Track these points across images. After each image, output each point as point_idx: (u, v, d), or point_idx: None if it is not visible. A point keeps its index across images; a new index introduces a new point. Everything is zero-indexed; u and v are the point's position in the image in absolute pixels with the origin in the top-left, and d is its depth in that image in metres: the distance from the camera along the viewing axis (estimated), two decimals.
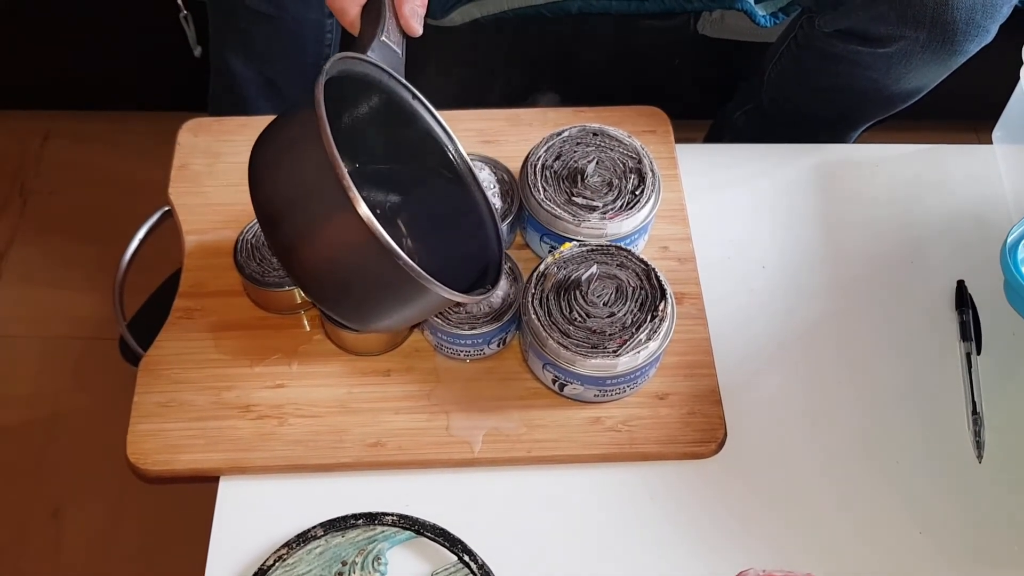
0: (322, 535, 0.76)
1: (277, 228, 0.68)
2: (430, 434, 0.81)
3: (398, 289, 0.67)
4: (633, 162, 0.86)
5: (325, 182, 0.64)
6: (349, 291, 0.69)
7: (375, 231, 0.63)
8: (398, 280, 0.66)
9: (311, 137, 0.64)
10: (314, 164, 0.64)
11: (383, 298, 0.69)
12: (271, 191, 0.69)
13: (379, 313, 0.71)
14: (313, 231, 0.67)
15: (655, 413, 0.82)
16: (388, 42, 0.74)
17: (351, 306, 0.71)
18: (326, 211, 0.65)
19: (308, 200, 0.66)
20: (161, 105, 1.38)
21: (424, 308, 0.73)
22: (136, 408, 0.82)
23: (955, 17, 0.90)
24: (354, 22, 0.75)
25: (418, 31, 0.76)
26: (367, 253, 0.65)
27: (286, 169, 0.68)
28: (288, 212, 0.67)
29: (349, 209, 0.63)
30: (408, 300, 0.69)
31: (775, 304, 0.91)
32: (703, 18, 1.23)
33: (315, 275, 0.69)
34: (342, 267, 0.67)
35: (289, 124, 0.70)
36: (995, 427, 0.84)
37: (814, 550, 0.78)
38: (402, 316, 0.72)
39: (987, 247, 0.92)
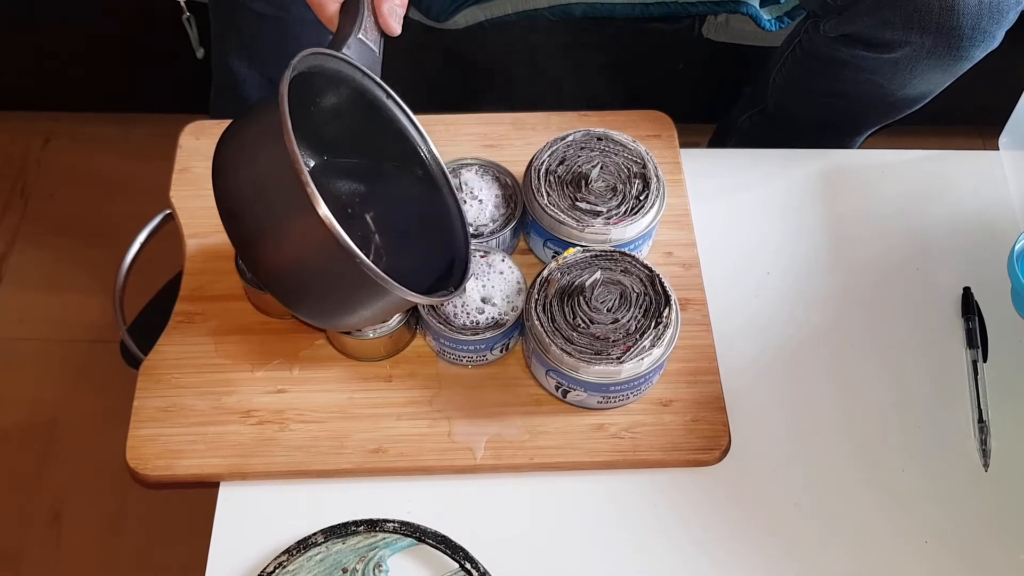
0: (323, 542, 0.76)
1: (237, 222, 0.68)
2: (432, 440, 0.80)
3: (358, 289, 0.67)
4: (637, 167, 0.85)
5: (286, 179, 0.63)
6: (309, 289, 0.69)
7: (334, 231, 0.63)
8: (357, 280, 0.66)
9: (273, 134, 0.63)
10: (276, 161, 0.64)
11: (343, 297, 0.69)
12: (232, 185, 0.69)
13: (340, 312, 0.71)
14: (273, 228, 0.67)
15: (659, 420, 0.81)
16: (365, 40, 0.74)
17: (312, 304, 0.71)
18: (287, 208, 0.65)
19: (269, 197, 0.66)
20: (163, 107, 1.38)
21: (385, 308, 0.73)
22: (136, 413, 0.81)
23: (961, 23, 0.90)
24: (332, 18, 0.75)
25: (396, 30, 0.75)
26: (327, 252, 0.65)
27: (248, 164, 0.68)
28: (249, 207, 0.68)
29: (309, 208, 0.63)
30: (368, 300, 0.69)
31: (780, 310, 0.90)
32: (708, 22, 1.22)
33: (275, 272, 0.69)
34: (302, 265, 0.68)
35: (254, 119, 0.69)
36: (1001, 435, 0.83)
37: (819, 559, 0.78)
38: (363, 315, 0.72)
39: (994, 254, 0.92)
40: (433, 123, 0.95)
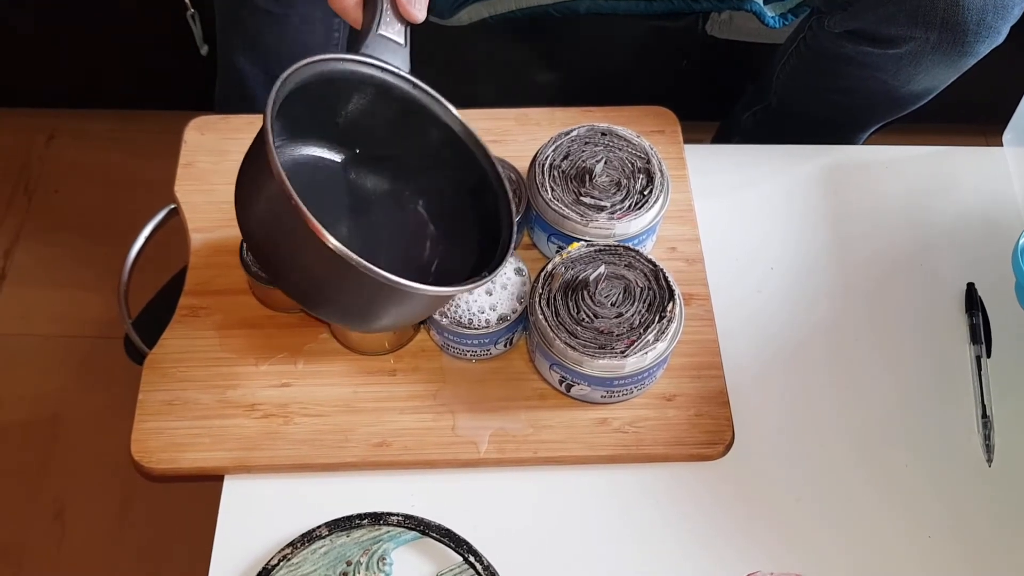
0: (327, 535, 0.76)
1: (263, 257, 0.71)
2: (436, 434, 0.80)
3: (391, 298, 0.67)
4: (642, 162, 0.85)
5: (283, 210, 0.63)
6: (347, 308, 0.70)
7: (341, 252, 0.63)
8: (386, 291, 0.66)
9: (264, 164, 0.64)
10: (270, 191, 0.64)
11: (380, 307, 0.69)
12: (244, 220, 0.69)
13: (381, 318, 0.71)
14: (288, 263, 0.68)
15: (662, 414, 0.81)
16: (387, 34, 0.72)
17: (352, 316, 0.72)
18: (293, 244, 0.65)
19: (275, 230, 0.67)
20: (167, 103, 1.38)
21: (428, 306, 0.73)
22: (141, 406, 0.81)
23: (966, 18, 0.90)
24: (356, 18, 0.73)
25: (419, 18, 0.73)
26: (341, 273, 0.65)
27: (251, 197, 0.68)
28: (263, 242, 0.69)
29: (314, 239, 0.63)
30: (406, 305, 0.69)
31: (783, 305, 0.90)
32: (712, 19, 1.22)
33: (306, 294, 0.70)
34: (332, 287, 0.68)
35: (251, 149, 0.70)
36: (1005, 430, 0.83)
37: (823, 553, 0.78)
38: (403, 317, 0.73)
39: (997, 249, 0.92)
40: None
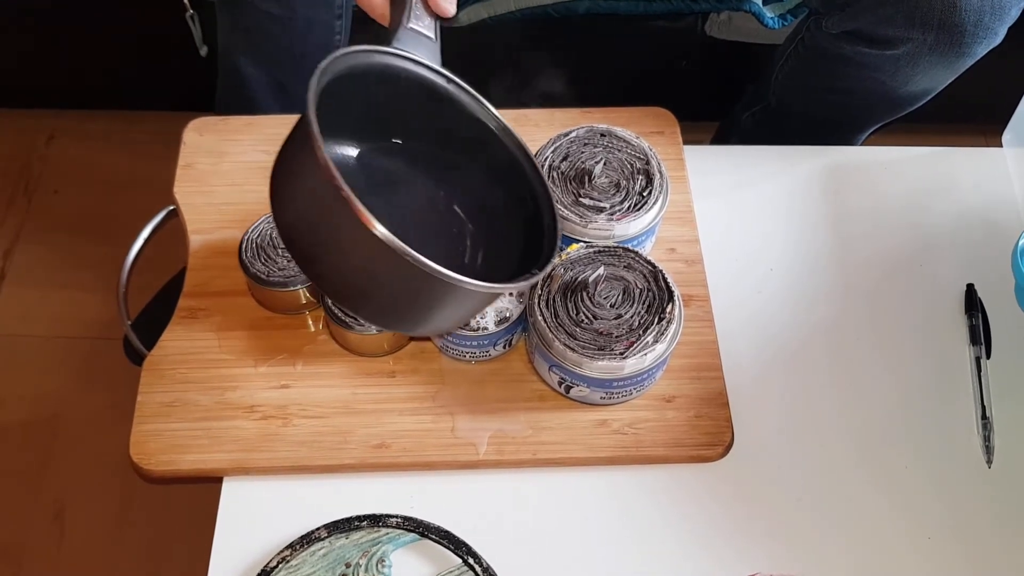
0: (326, 536, 0.76)
1: (304, 257, 0.67)
2: (435, 436, 0.80)
3: (440, 294, 0.65)
4: (641, 163, 0.85)
5: (328, 198, 0.61)
6: (387, 301, 0.67)
7: (390, 241, 0.60)
8: (436, 286, 0.64)
9: (309, 155, 0.61)
10: (313, 180, 0.62)
11: (428, 304, 0.67)
12: (285, 215, 0.67)
13: (429, 318, 0.69)
14: (332, 250, 0.65)
15: (662, 416, 0.81)
16: (417, 28, 0.70)
17: (398, 315, 0.69)
18: (338, 236, 0.63)
19: (319, 220, 0.64)
20: (167, 104, 1.38)
21: (476, 304, 0.71)
22: (140, 408, 0.81)
23: (963, 19, 0.90)
24: (384, 13, 0.71)
25: (450, 11, 0.72)
26: (388, 264, 0.62)
27: (292, 190, 0.66)
28: (305, 234, 0.66)
29: (363, 229, 0.60)
30: (453, 303, 0.67)
31: (783, 306, 0.90)
32: (711, 19, 1.22)
33: (348, 290, 0.67)
34: (378, 283, 0.65)
35: (290, 141, 0.68)
36: (1005, 432, 0.83)
37: (822, 555, 0.78)
38: (451, 316, 0.71)
39: (997, 250, 0.92)
40: None
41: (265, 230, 0.85)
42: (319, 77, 0.64)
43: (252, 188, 0.92)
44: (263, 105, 1.11)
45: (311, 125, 0.61)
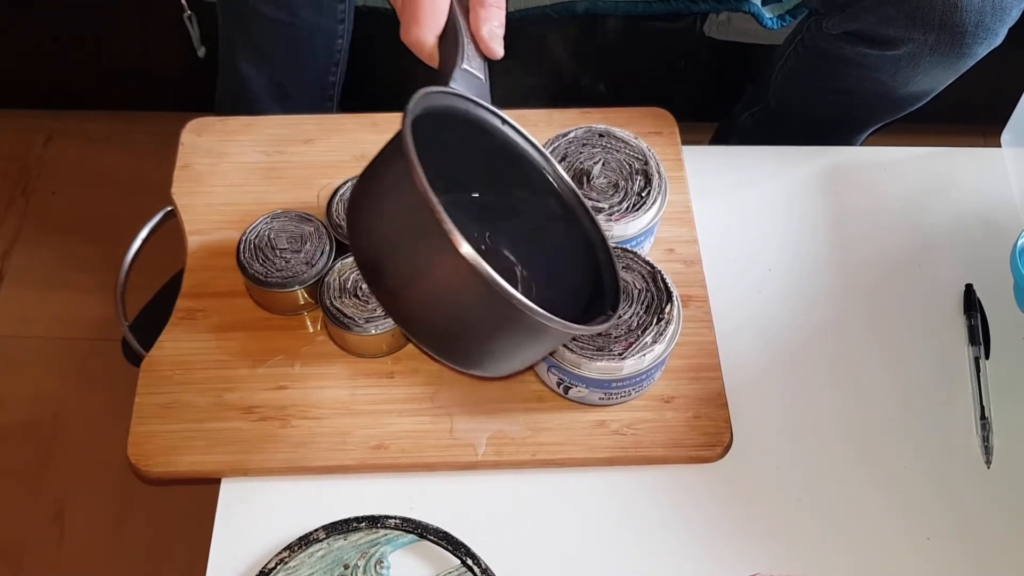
0: (324, 538, 0.76)
1: (380, 276, 0.64)
2: (434, 437, 0.80)
3: (516, 330, 0.63)
4: (639, 164, 0.85)
5: (424, 225, 0.59)
6: (466, 337, 0.65)
7: (485, 273, 0.59)
8: (521, 323, 0.62)
9: (403, 180, 0.60)
10: (410, 208, 0.61)
11: (502, 342, 0.65)
12: (368, 240, 0.65)
13: (497, 356, 0.67)
14: (419, 278, 0.63)
15: (660, 416, 0.81)
16: (470, 69, 0.69)
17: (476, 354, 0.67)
18: (429, 255, 0.61)
19: (409, 246, 0.63)
20: (165, 105, 1.38)
21: (546, 344, 0.69)
22: (138, 409, 0.81)
23: (964, 19, 0.90)
24: (432, 54, 0.70)
25: (499, 53, 0.71)
26: (480, 295, 0.60)
27: (381, 216, 0.64)
28: (390, 261, 0.64)
29: (453, 251, 0.58)
30: (527, 339, 0.65)
31: (782, 307, 0.90)
32: (709, 20, 1.22)
33: (426, 322, 0.65)
34: (455, 311, 0.63)
35: (381, 169, 0.66)
36: (1004, 432, 0.83)
37: (821, 555, 0.78)
38: (522, 357, 0.69)
39: (996, 250, 0.92)
40: None
41: (263, 231, 0.85)
42: (414, 106, 0.63)
43: (250, 189, 0.92)
44: (264, 108, 1.11)
45: (409, 149, 0.60)
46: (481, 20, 0.69)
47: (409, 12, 0.68)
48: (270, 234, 0.85)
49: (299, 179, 0.93)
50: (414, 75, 0.77)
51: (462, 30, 0.69)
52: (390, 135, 0.94)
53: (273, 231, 0.85)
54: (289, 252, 0.84)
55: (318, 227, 0.85)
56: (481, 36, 0.70)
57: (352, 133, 0.96)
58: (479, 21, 0.69)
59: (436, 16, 0.68)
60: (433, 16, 0.68)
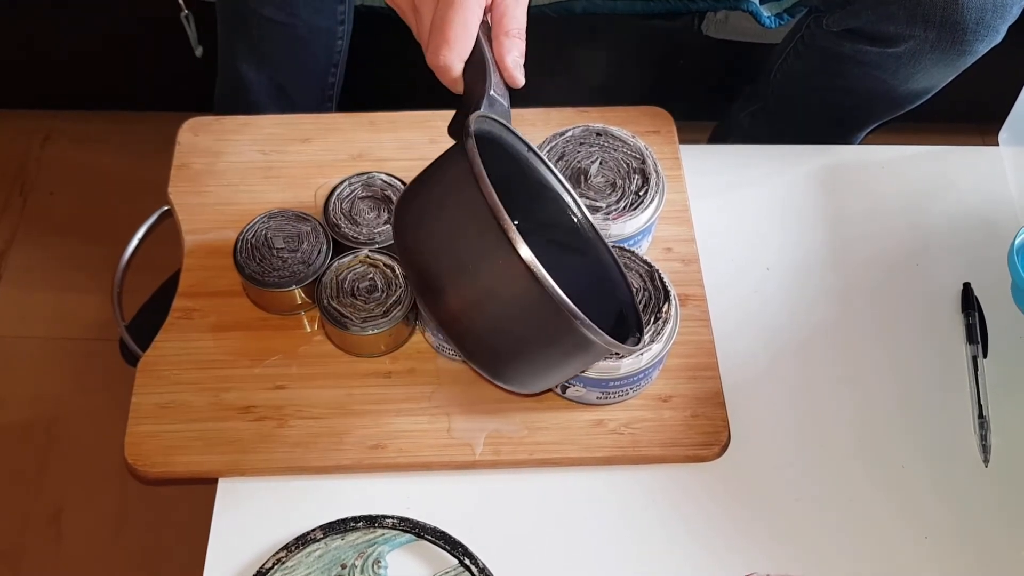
0: (321, 538, 0.76)
1: (441, 295, 0.64)
2: (431, 436, 0.80)
3: (561, 340, 0.64)
4: (637, 163, 0.85)
5: (486, 229, 0.60)
6: (522, 353, 0.66)
7: (541, 276, 0.60)
8: (571, 337, 0.63)
9: (466, 186, 0.61)
10: (471, 213, 0.61)
11: (554, 356, 0.66)
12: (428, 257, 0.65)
13: (547, 370, 0.68)
14: (476, 285, 0.63)
15: (658, 416, 0.81)
16: (496, 95, 0.69)
17: (519, 366, 0.67)
18: (489, 260, 0.62)
19: (469, 251, 0.63)
20: (162, 105, 1.38)
21: (583, 359, 0.70)
22: (134, 409, 0.81)
23: (965, 17, 0.90)
24: (458, 79, 0.70)
25: (522, 82, 0.72)
26: (534, 301, 0.61)
27: (439, 223, 0.64)
28: (453, 277, 0.64)
29: (513, 255, 0.60)
30: (569, 352, 0.66)
31: (779, 306, 0.90)
32: (708, 19, 1.22)
33: (484, 338, 0.65)
34: (508, 320, 0.64)
35: (439, 178, 0.66)
36: (1001, 431, 0.83)
37: (818, 555, 0.78)
38: (565, 371, 0.71)
39: (994, 249, 0.92)
40: (434, 119, 0.95)
41: (260, 230, 0.85)
42: (473, 123, 0.64)
43: (247, 188, 0.92)
44: (263, 109, 1.11)
45: (475, 156, 0.61)
46: (506, 49, 0.69)
47: (438, 35, 0.67)
48: (267, 233, 0.85)
49: (296, 178, 0.93)
50: (414, 76, 0.77)
51: (488, 57, 0.70)
52: (387, 134, 0.96)
53: (270, 230, 0.85)
54: (286, 252, 0.84)
55: (315, 226, 0.85)
56: (506, 64, 0.70)
57: (349, 132, 0.96)
58: (503, 50, 0.69)
59: (467, 40, 0.68)
60: (464, 40, 0.68)
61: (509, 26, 0.69)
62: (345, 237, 0.85)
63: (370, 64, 1.23)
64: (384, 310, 0.81)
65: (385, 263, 0.83)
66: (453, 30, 0.67)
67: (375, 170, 0.88)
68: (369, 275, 0.82)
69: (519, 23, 0.70)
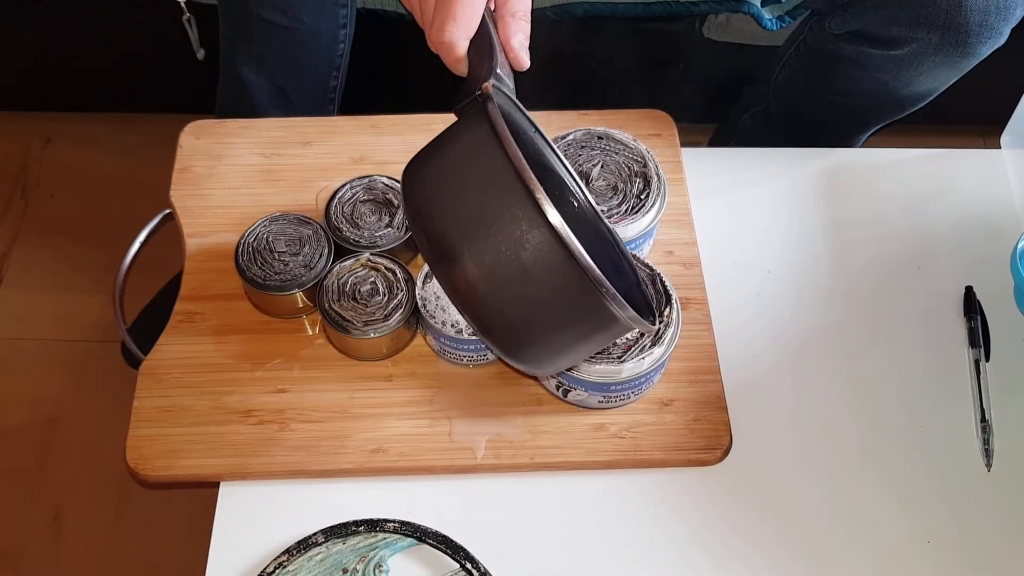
0: (323, 542, 0.75)
1: (457, 263, 0.61)
2: (432, 440, 0.80)
3: (590, 319, 0.62)
4: (638, 166, 0.85)
5: (510, 193, 0.59)
6: (539, 327, 0.63)
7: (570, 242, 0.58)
8: (594, 311, 0.61)
9: (489, 150, 0.59)
10: (495, 178, 0.60)
11: (574, 331, 0.64)
12: (444, 222, 0.62)
13: (562, 348, 0.66)
14: (506, 259, 0.60)
15: (660, 419, 0.81)
16: (503, 76, 0.68)
17: (537, 342, 0.65)
18: (513, 223, 0.59)
19: (492, 216, 0.61)
20: (163, 107, 1.38)
21: (603, 340, 0.68)
22: (136, 413, 0.81)
23: (968, 19, 0.89)
24: (462, 58, 0.68)
25: (527, 64, 0.70)
26: (560, 267, 0.59)
27: (459, 188, 0.62)
28: (472, 243, 0.61)
29: (541, 218, 0.58)
30: (595, 331, 0.64)
31: (781, 309, 0.90)
32: (708, 21, 1.22)
33: (501, 310, 0.63)
34: (531, 288, 0.61)
35: (457, 143, 0.64)
36: (1004, 435, 0.83)
37: (821, 559, 0.77)
38: (580, 351, 0.68)
39: (996, 252, 0.92)
40: (436, 122, 0.95)
41: (261, 234, 0.85)
42: (494, 90, 0.63)
43: (248, 191, 0.92)
44: (265, 112, 1.11)
45: (499, 119, 0.60)
46: (512, 30, 0.69)
47: (444, 11, 0.66)
48: (268, 237, 0.85)
49: (298, 181, 0.93)
50: (416, 79, 0.77)
51: (494, 36, 0.69)
52: (389, 137, 0.96)
53: (271, 234, 0.85)
54: (288, 255, 0.84)
55: (316, 230, 0.85)
56: (512, 45, 0.69)
57: (351, 135, 0.96)
58: (510, 31, 0.68)
59: (473, 17, 0.67)
60: (471, 17, 0.67)
61: (516, 7, 0.69)
62: (347, 240, 0.85)
63: (372, 67, 1.23)
64: (385, 314, 0.81)
65: (387, 266, 0.83)
66: (460, 5, 0.66)
67: (377, 173, 0.88)
68: (371, 278, 0.82)
69: (525, 5, 0.69)
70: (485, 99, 0.62)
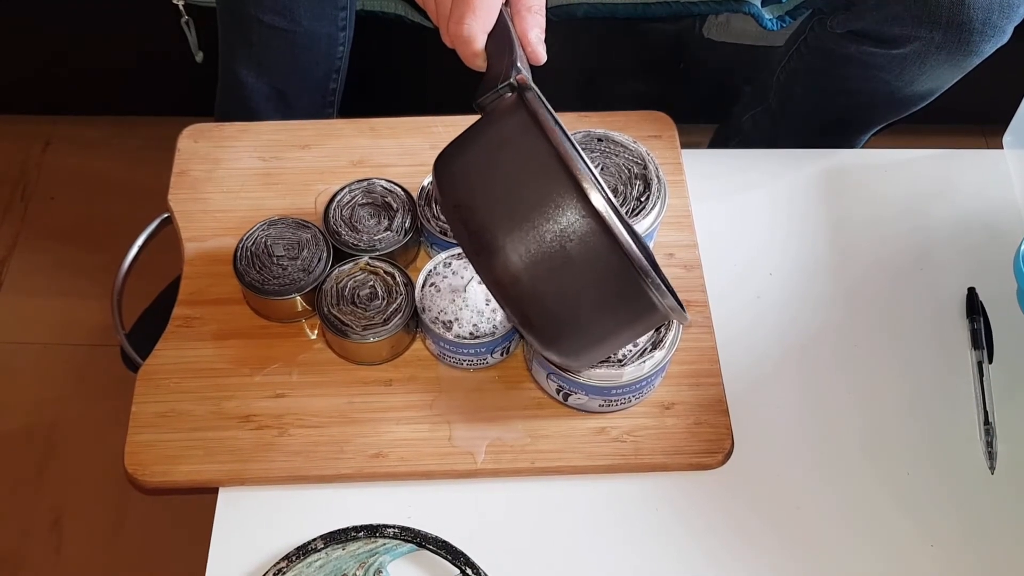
0: (322, 548, 0.75)
1: (499, 254, 0.61)
2: (432, 445, 0.80)
3: (631, 306, 0.62)
4: (638, 168, 0.84)
5: (553, 179, 0.59)
6: (582, 317, 0.63)
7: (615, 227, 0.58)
8: (636, 298, 0.61)
9: (531, 137, 0.59)
10: (536, 163, 0.60)
11: (616, 317, 0.64)
12: (485, 214, 0.62)
13: (602, 338, 0.66)
14: (549, 248, 0.60)
15: (661, 423, 0.81)
16: (522, 69, 0.67)
17: (577, 334, 0.65)
18: (555, 209, 0.59)
19: (541, 214, 0.60)
20: (162, 111, 1.38)
21: (639, 331, 0.69)
22: (134, 418, 0.81)
23: (971, 17, 0.89)
24: (479, 53, 0.68)
25: (544, 58, 0.70)
26: (601, 253, 0.59)
27: (505, 187, 0.62)
28: (515, 234, 0.61)
29: (585, 203, 0.58)
30: (635, 320, 0.64)
31: (783, 311, 0.89)
32: (709, 22, 1.22)
33: (544, 300, 0.62)
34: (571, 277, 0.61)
35: (497, 131, 0.64)
36: (1007, 437, 0.82)
37: (823, 563, 0.77)
38: (617, 341, 0.69)
39: (999, 254, 0.91)
40: (435, 125, 0.95)
41: (260, 238, 0.85)
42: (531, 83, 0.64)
43: (247, 195, 0.92)
44: (264, 115, 1.11)
45: (541, 105, 0.60)
46: (528, 25, 0.68)
47: (462, 4, 0.66)
48: (267, 241, 0.84)
49: (296, 185, 0.93)
50: (416, 82, 0.76)
51: (513, 30, 0.68)
52: (388, 140, 0.95)
53: (270, 238, 0.85)
54: (286, 259, 0.84)
55: (315, 234, 0.85)
56: (529, 40, 0.69)
57: (349, 138, 0.95)
58: (526, 25, 0.68)
59: (492, 10, 0.66)
60: (490, 10, 0.66)
61: (532, 1, 0.68)
62: (345, 244, 0.84)
63: (371, 69, 1.22)
64: (385, 318, 0.80)
65: (386, 270, 0.82)
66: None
67: (376, 176, 0.88)
68: (370, 282, 0.82)
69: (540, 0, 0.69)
70: (523, 89, 0.62)
